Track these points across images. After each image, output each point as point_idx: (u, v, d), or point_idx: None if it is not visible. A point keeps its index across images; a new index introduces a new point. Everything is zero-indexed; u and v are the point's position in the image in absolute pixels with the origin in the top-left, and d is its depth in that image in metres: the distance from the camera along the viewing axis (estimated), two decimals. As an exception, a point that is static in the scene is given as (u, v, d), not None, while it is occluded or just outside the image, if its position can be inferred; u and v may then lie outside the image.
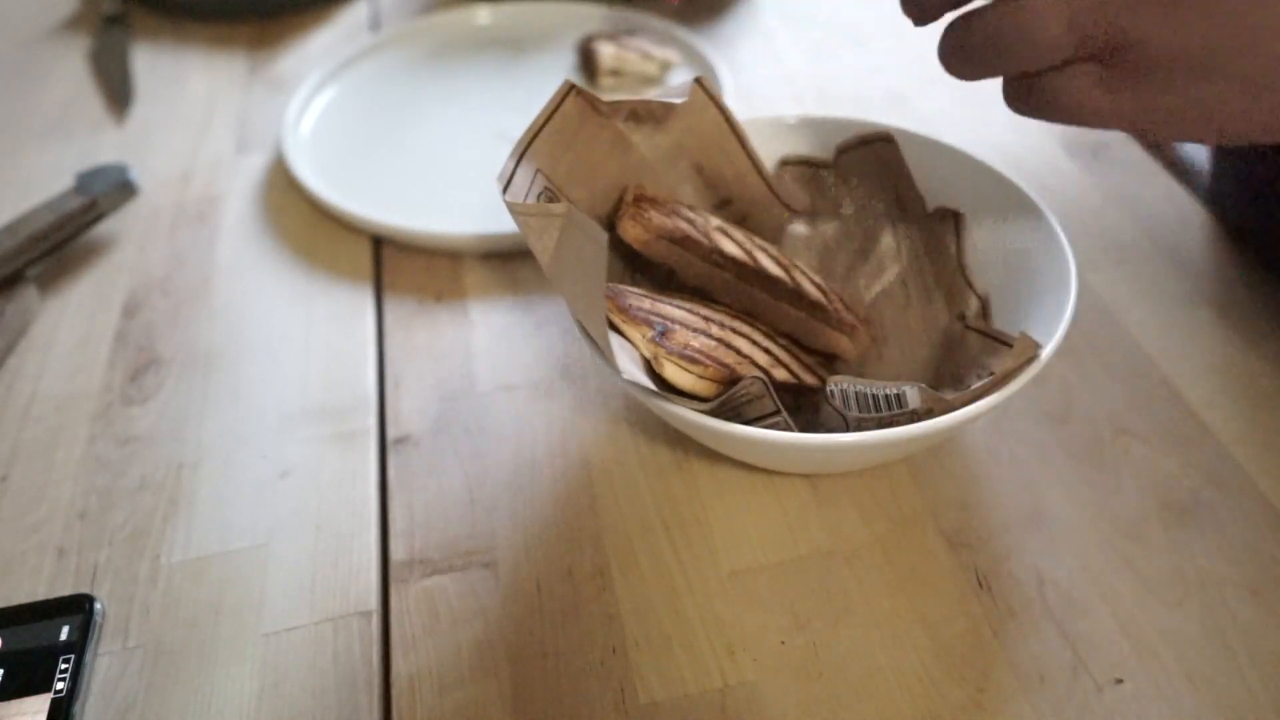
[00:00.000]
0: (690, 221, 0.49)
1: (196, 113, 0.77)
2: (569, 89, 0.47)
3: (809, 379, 0.47)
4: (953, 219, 0.51)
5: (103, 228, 0.66)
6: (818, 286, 0.50)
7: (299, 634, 0.44)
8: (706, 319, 0.46)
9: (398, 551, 0.47)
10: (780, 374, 0.46)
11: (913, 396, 0.43)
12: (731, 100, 0.71)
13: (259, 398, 0.55)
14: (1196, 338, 0.54)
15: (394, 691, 0.42)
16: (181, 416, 0.54)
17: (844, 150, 0.55)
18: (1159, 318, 0.55)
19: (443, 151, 0.71)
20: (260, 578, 0.46)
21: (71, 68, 0.83)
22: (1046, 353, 0.42)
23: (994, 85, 0.76)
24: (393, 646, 0.43)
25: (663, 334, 0.44)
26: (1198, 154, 0.65)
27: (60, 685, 0.41)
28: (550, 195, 0.46)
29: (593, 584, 0.45)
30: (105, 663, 0.43)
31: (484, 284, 0.61)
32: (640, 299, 0.46)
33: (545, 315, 0.58)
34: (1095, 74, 0.36)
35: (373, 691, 0.42)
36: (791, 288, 0.49)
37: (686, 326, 0.45)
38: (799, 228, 0.56)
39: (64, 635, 0.43)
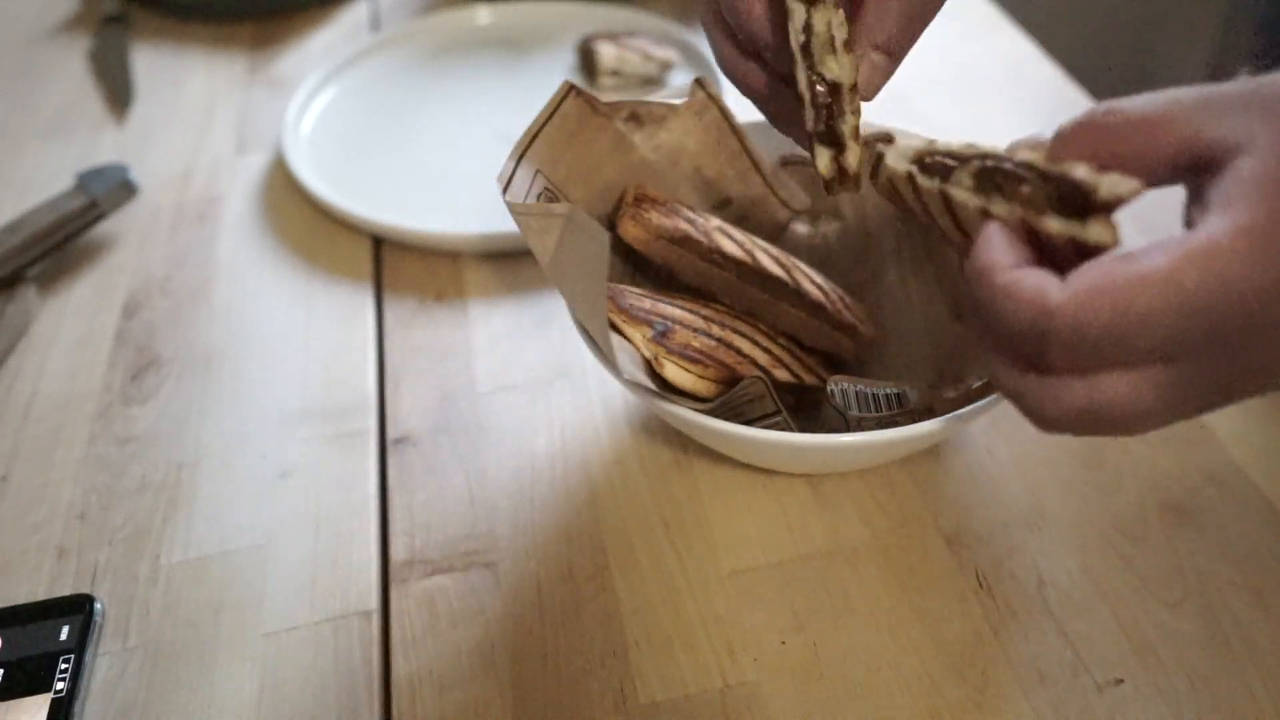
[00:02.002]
0: (690, 221, 0.49)
1: (196, 113, 0.77)
2: (568, 89, 0.47)
3: (809, 379, 0.47)
4: (953, 219, 0.51)
5: (103, 228, 0.66)
6: (818, 286, 0.50)
7: (299, 634, 0.44)
8: (707, 319, 0.46)
9: (398, 551, 0.47)
10: (781, 374, 0.46)
11: (913, 396, 0.44)
12: (731, 100, 0.71)
13: (259, 398, 0.55)
14: (1196, 338, 0.54)
15: (394, 692, 0.42)
16: (181, 416, 0.54)
17: (844, 150, 0.55)
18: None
19: (443, 151, 0.71)
20: (260, 578, 0.46)
21: (71, 68, 0.83)
22: (1046, 353, 0.42)
23: (993, 87, 0.76)
24: (393, 646, 0.43)
25: (663, 334, 0.44)
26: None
27: (60, 685, 0.41)
28: (550, 195, 0.46)
29: (593, 584, 0.45)
30: (105, 663, 0.43)
31: (484, 284, 0.61)
32: (640, 299, 0.46)
33: (545, 315, 0.58)
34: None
35: (373, 692, 0.42)
36: (792, 288, 0.49)
37: (687, 326, 0.45)
38: (799, 228, 0.56)
39: (64, 635, 0.43)
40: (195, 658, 0.43)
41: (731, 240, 0.49)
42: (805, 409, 0.48)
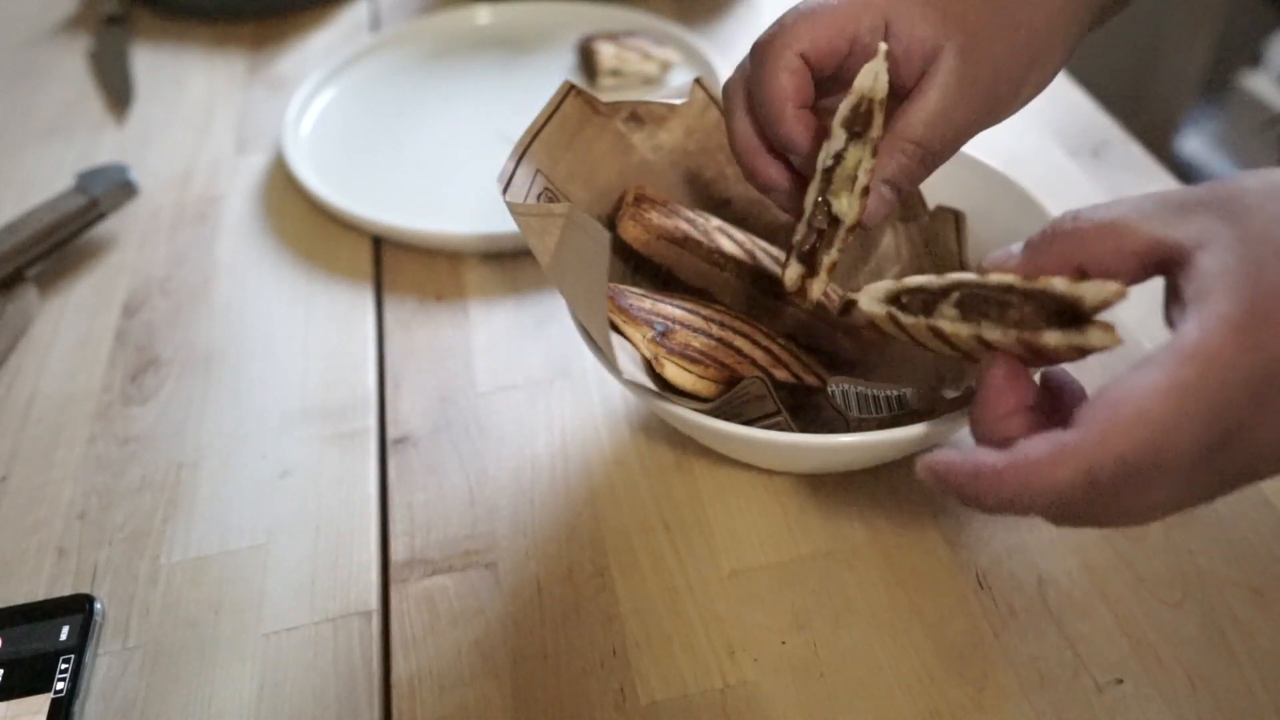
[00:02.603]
0: (690, 221, 0.49)
1: (196, 113, 0.77)
2: (569, 89, 0.47)
3: (809, 379, 0.47)
4: (953, 218, 0.51)
5: (103, 228, 0.66)
6: (818, 286, 0.50)
7: (299, 634, 0.44)
8: (707, 319, 0.46)
9: (398, 551, 0.47)
10: (781, 374, 0.46)
11: (913, 397, 0.44)
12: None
13: (259, 398, 0.55)
14: (1196, 338, 0.54)
15: (394, 692, 0.42)
16: (181, 416, 0.54)
17: (844, 150, 0.54)
18: (1159, 316, 0.55)
19: (443, 151, 0.71)
20: (260, 578, 0.46)
21: (71, 68, 0.83)
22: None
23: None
24: (393, 647, 0.43)
25: (663, 334, 0.44)
26: (1198, 153, 0.65)
27: (60, 685, 0.41)
28: (550, 195, 0.46)
29: (593, 584, 0.45)
30: (105, 663, 0.43)
31: (484, 284, 0.61)
32: (640, 299, 0.46)
33: (545, 315, 0.58)
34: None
35: (373, 692, 0.42)
36: (792, 288, 0.49)
37: (687, 326, 0.45)
38: (799, 228, 0.56)
39: (64, 635, 0.43)
40: (195, 658, 0.43)
41: (731, 240, 0.49)
42: (805, 409, 0.48)
